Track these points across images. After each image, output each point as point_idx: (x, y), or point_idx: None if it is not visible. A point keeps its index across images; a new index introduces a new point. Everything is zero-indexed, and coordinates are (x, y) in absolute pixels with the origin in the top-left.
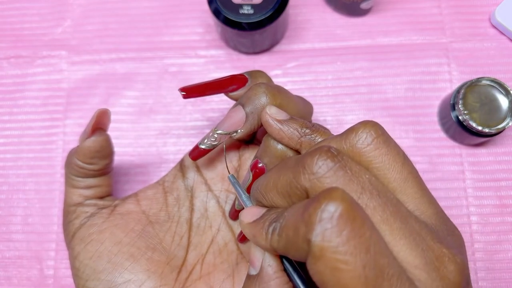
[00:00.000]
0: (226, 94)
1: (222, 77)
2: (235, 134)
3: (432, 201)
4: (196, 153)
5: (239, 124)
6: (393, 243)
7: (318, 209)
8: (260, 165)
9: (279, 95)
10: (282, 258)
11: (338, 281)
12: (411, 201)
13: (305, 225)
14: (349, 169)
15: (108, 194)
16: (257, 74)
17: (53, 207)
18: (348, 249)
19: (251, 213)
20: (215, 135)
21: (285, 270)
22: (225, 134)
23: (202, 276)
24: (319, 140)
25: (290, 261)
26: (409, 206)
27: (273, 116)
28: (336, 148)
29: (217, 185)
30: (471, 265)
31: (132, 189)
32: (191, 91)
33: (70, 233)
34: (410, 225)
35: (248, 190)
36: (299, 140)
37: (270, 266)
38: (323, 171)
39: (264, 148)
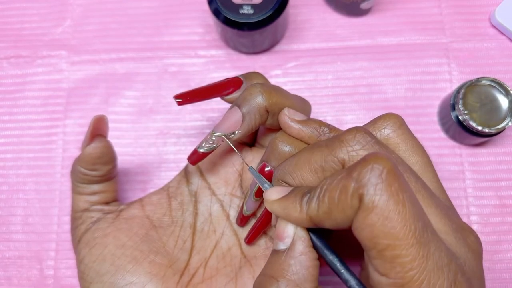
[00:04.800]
0: (222, 98)
1: (217, 82)
2: (233, 135)
3: (443, 188)
4: (195, 158)
5: (236, 125)
6: (426, 210)
7: (367, 167)
8: (268, 168)
9: (275, 94)
10: (311, 234)
11: (389, 231)
12: (429, 184)
13: (355, 182)
14: (383, 146)
15: (113, 200)
16: (252, 75)
17: (53, 207)
18: (399, 200)
19: (277, 191)
20: (213, 138)
21: (314, 246)
22: (223, 136)
23: (205, 280)
24: None
25: (320, 237)
26: None
27: (291, 117)
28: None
29: (220, 189)
30: None
31: (132, 189)
32: (185, 98)
33: (76, 238)
34: (436, 198)
35: (257, 194)
36: (318, 139)
37: (302, 240)
38: (361, 144)
39: (271, 150)
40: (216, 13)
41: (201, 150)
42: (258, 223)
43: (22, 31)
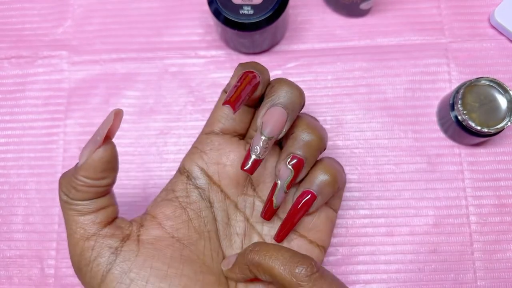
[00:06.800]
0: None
1: (250, 81)
2: (280, 135)
3: None
4: (254, 166)
5: (282, 125)
6: None
7: None
8: (295, 160)
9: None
10: None
11: None
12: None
13: None
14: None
15: (117, 214)
16: (257, 65)
17: (54, 206)
18: None
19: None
20: (265, 141)
21: None
22: (273, 138)
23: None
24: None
25: None
26: None
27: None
28: None
29: (231, 191)
30: (470, 264)
31: (133, 188)
32: (234, 102)
33: (97, 276)
34: None
35: (288, 186)
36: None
37: None
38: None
39: (294, 141)
40: (216, 13)
41: (262, 157)
42: (289, 221)
43: (23, 31)
